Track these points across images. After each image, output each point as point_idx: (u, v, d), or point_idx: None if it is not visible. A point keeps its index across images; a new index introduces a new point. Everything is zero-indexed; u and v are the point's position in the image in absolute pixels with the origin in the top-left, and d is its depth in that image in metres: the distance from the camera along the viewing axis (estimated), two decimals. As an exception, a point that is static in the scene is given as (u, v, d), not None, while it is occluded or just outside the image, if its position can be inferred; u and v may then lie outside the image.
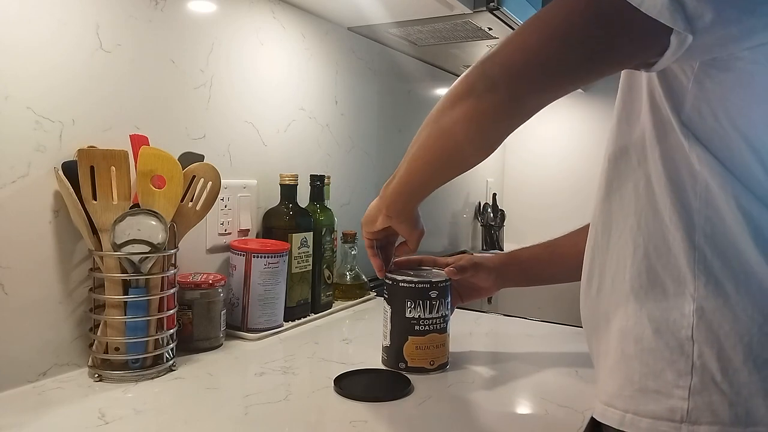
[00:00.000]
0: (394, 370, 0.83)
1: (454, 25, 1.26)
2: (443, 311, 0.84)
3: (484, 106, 0.58)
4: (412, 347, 0.83)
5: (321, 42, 1.27)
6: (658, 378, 0.56)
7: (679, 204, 0.56)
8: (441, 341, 0.84)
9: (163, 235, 0.78)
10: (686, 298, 0.55)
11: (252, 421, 0.66)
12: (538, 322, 1.11)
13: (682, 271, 0.55)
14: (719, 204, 0.54)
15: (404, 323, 0.83)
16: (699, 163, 0.54)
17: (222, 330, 0.92)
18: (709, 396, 0.53)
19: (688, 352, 0.54)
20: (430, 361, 0.83)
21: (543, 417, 0.71)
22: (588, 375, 0.84)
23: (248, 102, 1.08)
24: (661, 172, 0.57)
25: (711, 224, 0.54)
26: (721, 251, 0.54)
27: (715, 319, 0.53)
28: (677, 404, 0.54)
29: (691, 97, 0.55)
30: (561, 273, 0.91)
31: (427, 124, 0.66)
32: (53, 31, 0.75)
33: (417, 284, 0.82)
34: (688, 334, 0.54)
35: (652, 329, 0.57)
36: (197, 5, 0.96)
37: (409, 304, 0.82)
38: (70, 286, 0.79)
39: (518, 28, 0.58)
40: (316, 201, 1.15)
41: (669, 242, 0.56)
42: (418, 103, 1.71)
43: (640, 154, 0.60)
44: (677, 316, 0.55)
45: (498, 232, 2.14)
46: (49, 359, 0.76)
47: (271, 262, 0.98)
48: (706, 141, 0.54)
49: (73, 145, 0.77)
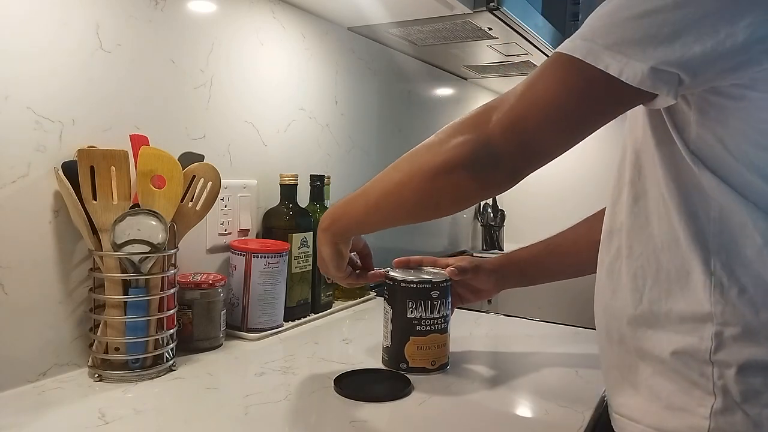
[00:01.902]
0: (395, 370, 0.83)
1: (454, 25, 1.26)
2: (444, 311, 0.84)
3: (483, 182, 0.61)
4: (413, 348, 0.82)
5: (321, 42, 1.27)
6: (684, 396, 0.56)
7: (694, 229, 0.56)
8: (442, 341, 0.84)
9: (163, 235, 0.78)
10: (705, 322, 0.55)
11: (252, 421, 0.66)
12: (538, 322, 1.11)
13: (699, 296, 0.55)
14: (734, 230, 0.54)
15: (405, 323, 0.83)
16: (711, 189, 0.54)
17: (222, 330, 0.92)
18: (732, 417, 0.54)
19: (708, 374, 0.55)
20: (431, 361, 0.83)
21: (543, 417, 0.71)
22: (588, 375, 0.84)
23: (248, 102, 1.08)
24: (676, 196, 0.57)
25: (726, 251, 0.54)
26: (737, 277, 0.54)
27: (734, 343, 0.54)
28: (699, 423, 0.55)
29: (695, 125, 0.55)
30: (562, 271, 0.92)
31: (413, 171, 0.65)
32: (53, 32, 0.75)
33: (418, 284, 0.82)
34: (706, 358, 0.55)
35: (670, 351, 0.57)
36: (197, 5, 0.96)
37: (411, 304, 0.82)
38: (70, 286, 0.79)
39: (510, 96, 0.59)
40: (316, 201, 1.15)
41: (687, 268, 0.56)
42: (418, 103, 1.71)
43: (661, 179, 0.59)
44: (696, 341, 0.55)
45: (498, 232, 2.14)
46: (49, 359, 0.76)
47: (271, 262, 0.98)
48: (716, 168, 0.54)
49: (73, 145, 0.77)
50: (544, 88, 0.57)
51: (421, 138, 0.67)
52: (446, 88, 1.88)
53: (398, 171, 0.68)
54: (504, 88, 2.20)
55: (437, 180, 0.62)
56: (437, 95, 1.82)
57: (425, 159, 0.64)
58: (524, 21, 1.25)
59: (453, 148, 0.61)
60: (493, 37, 1.35)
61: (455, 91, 1.93)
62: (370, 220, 0.73)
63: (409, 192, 0.66)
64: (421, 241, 1.77)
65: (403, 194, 0.67)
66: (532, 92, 0.57)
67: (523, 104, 0.57)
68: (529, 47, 1.44)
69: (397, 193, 0.67)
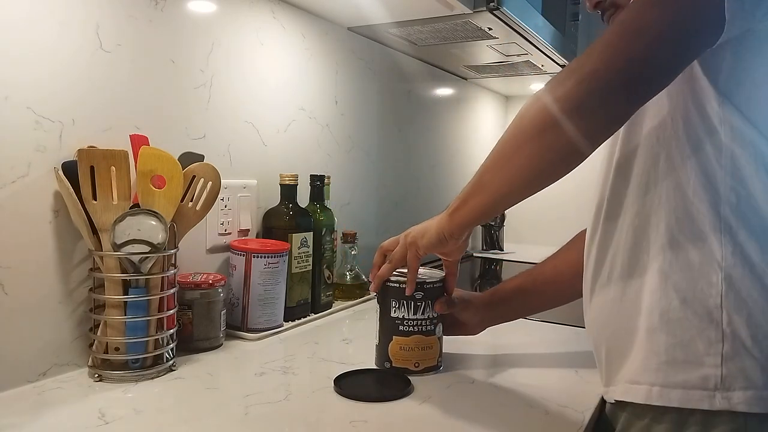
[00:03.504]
0: (382, 369, 0.83)
1: (454, 25, 1.26)
2: (429, 313, 0.83)
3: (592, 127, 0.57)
4: (396, 347, 0.82)
5: (321, 42, 1.27)
6: (687, 348, 0.57)
7: (703, 176, 0.57)
8: (427, 344, 0.83)
9: (163, 235, 0.78)
10: (713, 267, 0.56)
11: (252, 421, 0.66)
12: (538, 322, 1.11)
13: (708, 242, 0.56)
14: (746, 174, 0.55)
15: (389, 323, 0.83)
16: (728, 134, 0.56)
17: (222, 330, 0.92)
18: (741, 362, 0.54)
19: (717, 319, 0.55)
20: (415, 362, 0.82)
21: (543, 417, 0.71)
22: (588, 375, 0.84)
23: (248, 102, 1.08)
24: (684, 145, 0.58)
25: (736, 194, 0.56)
26: (747, 220, 0.55)
27: (743, 286, 0.55)
28: (710, 372, 0.55)
29: (727, 65, 0.56)
30: (547, 300, 0.92)
31: (526, 136, 0.61)
32: (53, 32, 0.75)
33: (402, 284, 0.81)
34: (717, 302, 0.55)
35: (679, 300, 0.57)
36: (197, 5, 0.96)
37: (394, 303, 0.82)
38: (70, 286, 0.79)
39: (606, 34, 0.56)
40: (316, 201, 1.15)
41: (692, 214, 0.57)
42: (418, 103, 1.71)
43: (660, 131, 0.60)
44: (704, 285, 0.56)
45: (498, 232, 2.14)
46: (49, 359, 0.76)
47: (271, 262, 0.98)
48: (744, 108, 0.56)
49: (73, 145, 0.77)
50: (650, 15, 0.54)
51: (421, 138, 0.67)
52: (446, 88, 1.88)
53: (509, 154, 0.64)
54: (504, 88, 2.22)
55: (544, 136, 0.59)
56: (437, 95, 1.82)
57: (530, 116, 0.60)
58: (524, 21, 1.25)
59: (557, 94, 0.57)
60: (493, 37, 1.35)
61: (455, 91, 1.93)
62: (489, 201, 0.68)
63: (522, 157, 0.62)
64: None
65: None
66: (633, 19, 0.55)
67: (625, 31, 0.55)
68: (529, 47, 1.44)
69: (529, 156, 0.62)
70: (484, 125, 2.19)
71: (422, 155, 1.75)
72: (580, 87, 0.55)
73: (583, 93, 0.55)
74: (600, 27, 0.69)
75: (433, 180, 1.83)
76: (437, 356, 0.85)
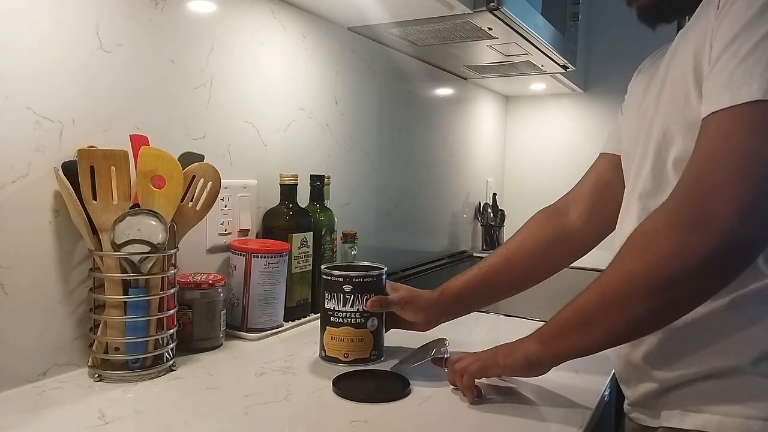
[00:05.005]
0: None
1: (454, 25, 1.26)
2: (359, 307, 0.85)
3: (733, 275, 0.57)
4: (328, 337, 0.86)
5: (321, 42, 1.27)
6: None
7: None
8: (358, 336, 0.85)
9: (163, 235, 0.78)
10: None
11: (252, 421, 0.67)
12: (538, 322, 1.11)
13: None
14: None
15: (324, 313, 0.87)
16: None
17: (222, 330, 0.92)
18: None
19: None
20: (344, 353, 0.85)
21: (543, 417, 0.71)
22: (588, 375, 0.84)
23: (248, 102, 1.08)
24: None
25: None
26: None
27: None
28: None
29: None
30: (500, 292, 0.92)
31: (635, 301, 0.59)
32: (53, 32, 0.75)
33: (333, 277, 0.85)
34: None
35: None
36: (197, 5, 0.96)
37: (327, 295, 0.86)
38: (70, 286, 0.79)
39: (720, 173, 0.54)
40: (316, 201, 1.15)
41: None
42: (418, 103, 1.71)
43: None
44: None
45: (498, 232, 2.14)
46: (49, 359, 0.76)
47: (271, 262, 0.98)
48: None
49: (73, 145, 0.78)
50: (757, 148, 0.53)
51: (421, 138, 0.67)
52: (446, 88, 1.88)
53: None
54: (504, 88, 2.22)
55: (671, 291, 0.57)
56: (437, 95, 1.82)
57: (646, 269, 0.58)
58: (524, 21, 1.25)
59: (681, 253, 0.55)
60: (493, 37, 1.35)
61: (455, 91, 1.93)
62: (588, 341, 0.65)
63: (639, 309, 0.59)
64: (422, 241, 1.77)
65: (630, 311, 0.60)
66: (747, 159, 0.53)
67: (748, 176, 0.53)
68: (529, 47, 1.44)
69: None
70: (484, 125, 2.19)
71: (422, 155, 1.75)
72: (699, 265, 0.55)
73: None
74: (600, 27, 0.69)
75: (433, 180, 1.83)
76: (369, 349, 0.86)
